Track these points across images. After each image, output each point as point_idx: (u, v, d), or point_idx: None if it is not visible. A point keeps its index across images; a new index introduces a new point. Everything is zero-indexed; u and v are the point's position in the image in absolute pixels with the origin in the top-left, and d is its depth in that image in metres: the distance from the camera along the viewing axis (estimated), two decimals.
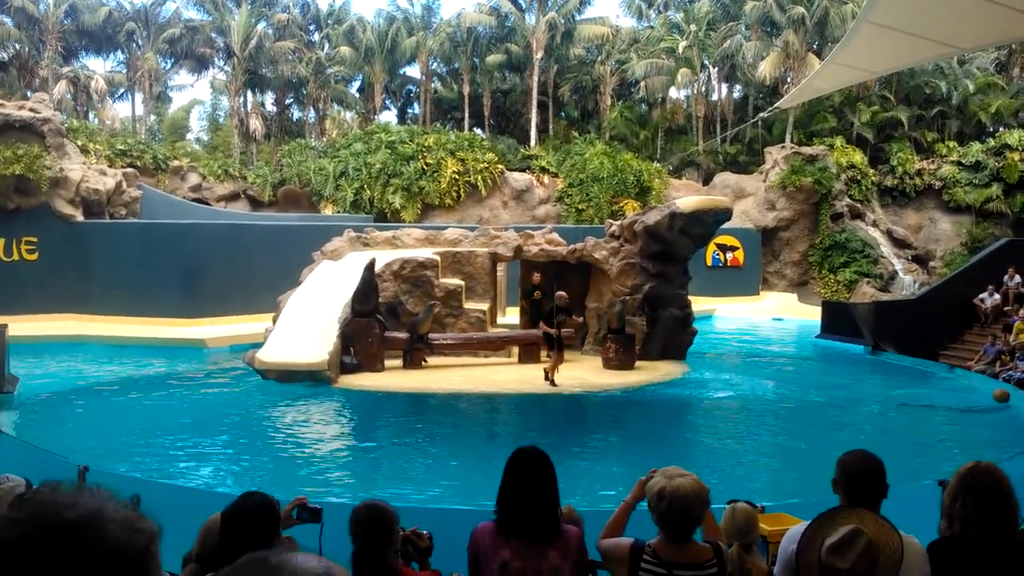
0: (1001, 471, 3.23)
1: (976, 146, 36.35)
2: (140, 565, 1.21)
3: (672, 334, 18.05)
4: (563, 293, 16.32)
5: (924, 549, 3.16)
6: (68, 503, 1.19)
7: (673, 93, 43.80)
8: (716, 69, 42.10)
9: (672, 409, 14.51)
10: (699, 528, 3.53)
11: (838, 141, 36.36)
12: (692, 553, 3.40)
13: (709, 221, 18.35)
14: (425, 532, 4.15)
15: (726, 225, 21.50)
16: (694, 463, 9.94)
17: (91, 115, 42.86)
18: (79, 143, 28.46)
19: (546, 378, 15.27)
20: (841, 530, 2.64)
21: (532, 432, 12.92)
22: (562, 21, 41.38)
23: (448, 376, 16.14)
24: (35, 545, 1.14)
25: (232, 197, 35.37)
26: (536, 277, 18.66)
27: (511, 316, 21.93)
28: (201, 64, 44.44)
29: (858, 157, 36.19)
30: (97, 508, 1.20)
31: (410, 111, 49.73)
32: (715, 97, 44.13)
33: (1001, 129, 38.54)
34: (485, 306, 18.63)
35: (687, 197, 21.48)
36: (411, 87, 48.52)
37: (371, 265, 16.57)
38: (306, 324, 16.00)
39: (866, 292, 31.59)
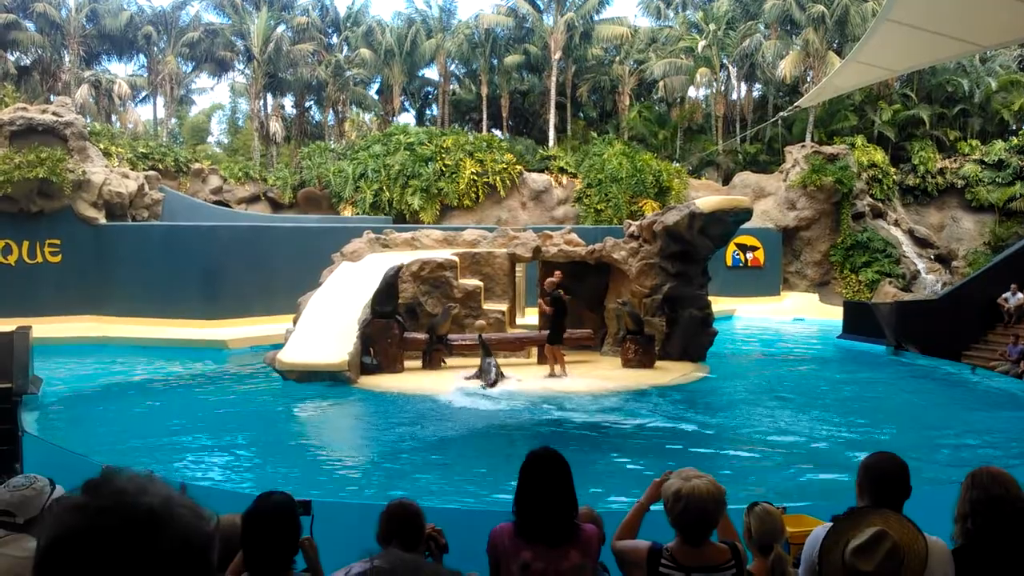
0: (1008, 474, 3.19)
1: (999, 144, 36.01)
2: (208, 549, 1.24)
3: (692, 335, 17.96)
4: (552, 279, 16.83)
5: (949, 551, 3.12)
6: (142, 489, 1.21)
7: (692, 92, 43.75)
8: (735, 68, 41.93)
9: (690, 409, 14.43)
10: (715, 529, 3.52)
11: (859, 140, 36.12)
12: (710, 555, 3.39)
13: (729, 221, 18.22)
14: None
15: (746, 225, 21.37)
16: (710, 465, 9.93)
17: (113, 118, 43.25)
18: (101, 146, 28.72)
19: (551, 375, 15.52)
20: (866, 532, 2.60)
21: (550, 433, 12.89)
22: (580, 21, 41.34)
23: None
24: (117, 532, 1.15)
25: (252, 199, 35.62)
26: (557, 275, 18.54)
27: (530, 317, 21.91)
28: (221, 67, 44.82)
29: (879, 156, 35.93)
30: (168, 495, 1.23)
31: (428, 113, 49.89)
32: (734, 96, 43.98)
33: None
34: (504, 307, 18.63)
35: (707, 197, 21.37)
36: (429, 89, 48.65)
37: (396, 270, 16.65)
38: (326, 325, 16.07)
39: (888, 292, 31.35)
